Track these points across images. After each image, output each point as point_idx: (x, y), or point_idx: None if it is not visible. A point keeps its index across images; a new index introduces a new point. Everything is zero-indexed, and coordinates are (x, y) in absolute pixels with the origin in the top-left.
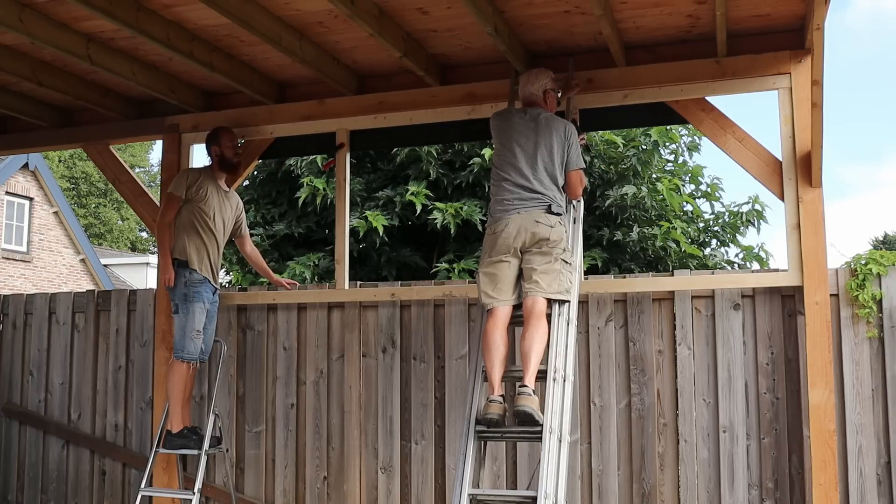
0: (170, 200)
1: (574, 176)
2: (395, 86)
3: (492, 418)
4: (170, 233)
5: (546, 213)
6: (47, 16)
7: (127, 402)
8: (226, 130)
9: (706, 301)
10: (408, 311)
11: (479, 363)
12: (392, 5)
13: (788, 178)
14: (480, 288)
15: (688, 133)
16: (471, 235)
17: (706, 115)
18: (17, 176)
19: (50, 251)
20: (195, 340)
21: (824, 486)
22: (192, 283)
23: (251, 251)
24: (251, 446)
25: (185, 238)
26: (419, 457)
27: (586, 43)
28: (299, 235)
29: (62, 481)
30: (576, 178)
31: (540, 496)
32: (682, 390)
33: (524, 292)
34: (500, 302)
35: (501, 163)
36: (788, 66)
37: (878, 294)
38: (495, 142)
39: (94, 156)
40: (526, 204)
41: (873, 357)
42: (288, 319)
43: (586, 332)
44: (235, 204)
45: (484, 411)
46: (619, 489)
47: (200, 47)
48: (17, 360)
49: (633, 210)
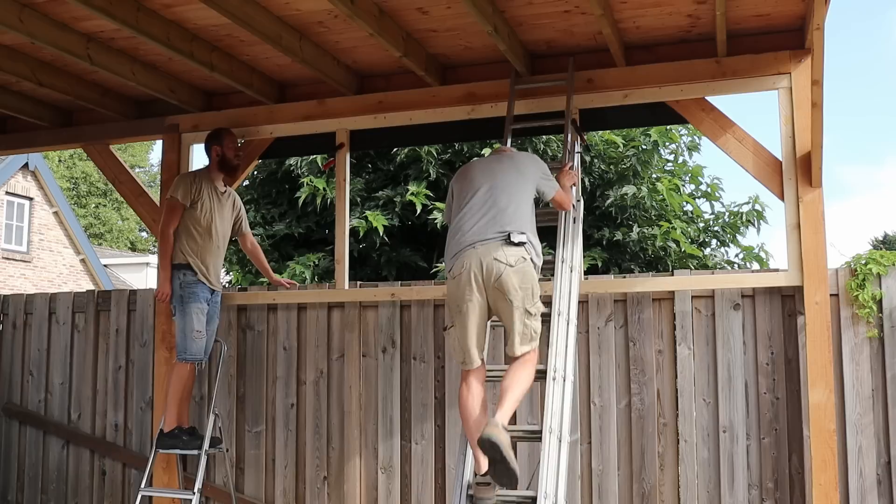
0: (174, 208)
1: (556, 198)
2: (395, 86)
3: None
4: (171, 243)
5: (505, 244)
6: (47, 16)
7: (127, 402)
8: (228, 131)
9: (706, 301)
10: (408, 311)
11: None
12: (392, 5)
13: (788, 178)
14: (449, 345)
15: (688, 133)
16: None
17: (706, 114)
18: (17, 176)
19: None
20: (196, 341)
21: (824, 486)
22: (186, 285)
23: (252, 248)
24: (251, 446)
25: (182, 241)
26: (419, 457)
27: (586, 43)
28: (299, 235)
29: (62, 481)
30: (559, 198)
31: (540, 496)
32: (682, 390)
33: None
34: (471, 363)
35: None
36: (788, 66)
37: (878, 294)
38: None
39: (94, 156)
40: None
41: (873, 357)
42: (288, 319)
43: (586, 332)
44: (233, 203)
45: (476, 495)
46: (619, 489)
47: (200, 47)
48: (17, 360)
49: (633, 210)
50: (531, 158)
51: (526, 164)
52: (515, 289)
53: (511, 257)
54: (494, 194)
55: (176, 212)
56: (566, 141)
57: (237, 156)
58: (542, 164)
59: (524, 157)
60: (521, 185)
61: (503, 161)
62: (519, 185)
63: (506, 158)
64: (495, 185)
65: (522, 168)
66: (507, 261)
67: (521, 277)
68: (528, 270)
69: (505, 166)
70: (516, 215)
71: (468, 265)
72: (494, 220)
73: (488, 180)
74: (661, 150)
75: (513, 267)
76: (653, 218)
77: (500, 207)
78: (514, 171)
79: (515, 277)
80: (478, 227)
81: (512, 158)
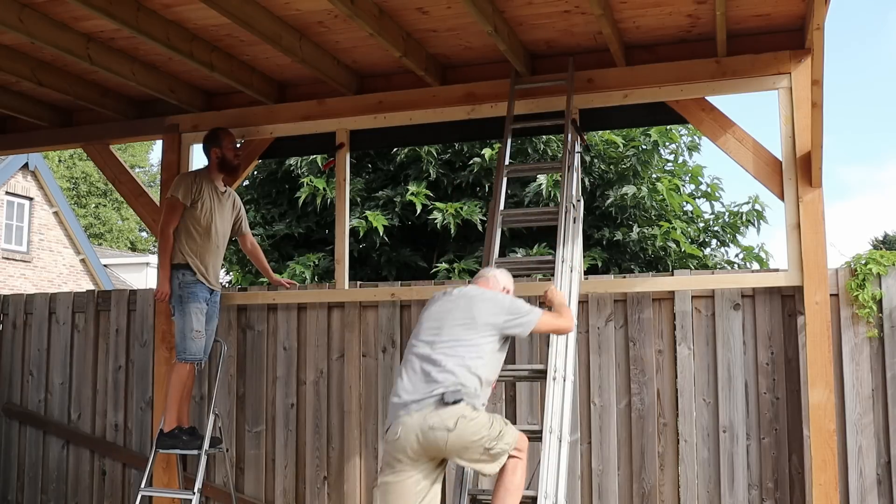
0: (174, 208)
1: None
2: (394, 86)
3: None
4: (171, 242)
5: (439, 406)
6: (47, 16)
7: (127, 402)
8: (226, 132)
9: (706, 301)
10: (408, 311)
11: None
12: (392, 5)
13: (788, 178)
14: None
15: (688, 133)
16: (471, 235)
17: (706, 114)
18: (17, 176)
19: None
20: (196, 341)
21: (824, 486)
22: (185, 285)
23: (252, 248)
24: (251, 446)
25: (181, 241)
26: None
27: (586, 43)
28: (299, 235)
29: (62, 481)
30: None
31: (540, 496)
32: (682, 390)
33: None
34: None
35: (406, 352)
36: (788, 66)
37: (878, 294)
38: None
39: (94, 156)
40: (417, 396)
41: (873, 357)
42: (288, 319)
43: (586, 332)
44: (233, 203)
45: None
46: (619, 489)
47: (200, 47)
48: (17, 360)
49: (633, 210)
50: (495, 302)
51: (485, 311)
52: (466, 448)
53: (449, 420)
54: (436, 349)
55: (176, 211)
56: (566, 141)
57: (237, 156)
58: (511, 303)
59: (487, 302)
60: (469, 339)
61: (459, 307)
62: (467, 338)
63: (463, 303)
64: (437, 340)
65: (479, 316)
66: (444, 425)
67: (468, 434)
68: (474, 420)
69: (458, 317)
70: (456, 369)
71: (403, 436)
72: (430, 377)
73: (433, 332)
74: (661, 150)
75: (453, 431)
76: (653, 218)
77: (437, 364)
78: (464, 322)
79: (460, 440)
80: (412, 386)
81: (471, 303)
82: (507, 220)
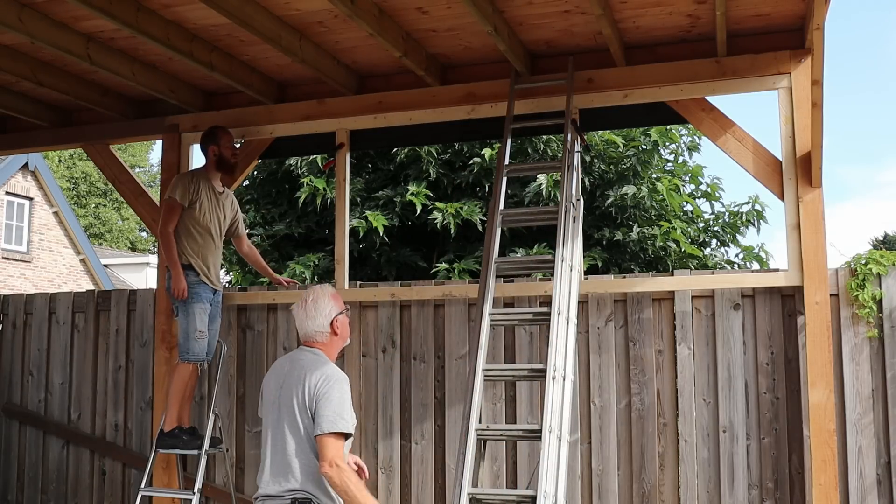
0: (173, 208)
1: (323, 445)
2: (394, 86)
3: None
4: (174, 241)
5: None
6: (47, 16)
7: (127, 402)
8: (223, 130)
9: (706, 301)
10: (408, 311)
11: (478, 362)
12: (392, 5)
13: (788, 178)
14: None
15: (688, 133)
16: (471, 235)
17: (706, 114)
18: (17, 176)
19: (50, 251)
20: (199, 341)
21: (824, 486)
22: (189, 285)
23: (248, 251)
24: (251, 446)
25: (182, 242)
26: (419, 457)
27: (586, 43)
28: (299, 235)
29: (62, 481)
30: (325, 448)
31: (539, 495)
32: (682, 390)
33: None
34: None
35: (263, 430)
36: (788, 65)
37: (878, 294)
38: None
39: (94, 156)
40: (275, 491)
41: (873, 357)
42: (288, 319)
43: (586, 332)
44: (231, 204)
45: None
46: (619, 489)
47: (200, 47)
48: (17, 360)
49: (633, 210)
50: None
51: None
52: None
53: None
54: (282, 432)
55: (175, 212)
56: (566, 141)
57: (234, 154)
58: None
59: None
60: (296, 421)
61: (290, 383)
62: (296, 420)
63: (294, 378)
64: (279, 419)
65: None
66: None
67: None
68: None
69: (286, 393)
70: (302, 467)
71: None
72: (283, 472)
73: (274, 409)
74: (661, 150)
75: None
76: (653, 218)
77: (285, 452)
78: (290, 403)
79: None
80: (272, 476)
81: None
82: (507, 219)
